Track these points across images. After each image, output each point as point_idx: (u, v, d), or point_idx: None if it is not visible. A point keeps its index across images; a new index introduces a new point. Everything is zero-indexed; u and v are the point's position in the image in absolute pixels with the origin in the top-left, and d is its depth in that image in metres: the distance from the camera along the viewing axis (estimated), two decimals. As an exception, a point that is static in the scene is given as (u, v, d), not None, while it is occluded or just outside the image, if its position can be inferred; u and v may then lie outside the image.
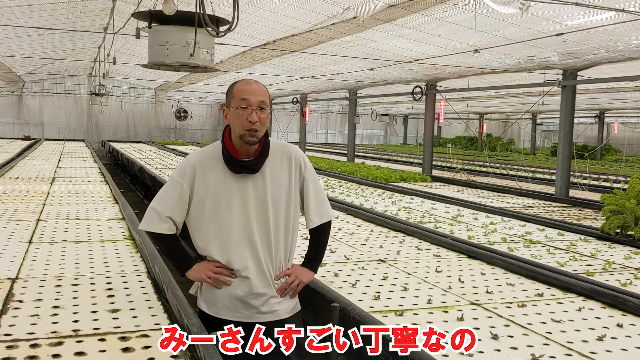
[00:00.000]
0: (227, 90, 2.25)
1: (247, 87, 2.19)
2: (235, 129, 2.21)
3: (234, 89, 2.21)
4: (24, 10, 10.05)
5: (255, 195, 2.23)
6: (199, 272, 2.27)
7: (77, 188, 7.82)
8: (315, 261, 2.46)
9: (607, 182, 12.48)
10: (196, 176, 2.23)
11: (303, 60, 12.05)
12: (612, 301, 3.19)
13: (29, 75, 22.37)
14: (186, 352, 2.23)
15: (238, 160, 2.22)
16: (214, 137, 29.74)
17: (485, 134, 30.25)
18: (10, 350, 2.21)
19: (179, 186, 2.24)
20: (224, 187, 2.22)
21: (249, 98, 2.16)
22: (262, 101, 2.17)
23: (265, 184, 2.24)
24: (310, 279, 2.42)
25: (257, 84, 2.22)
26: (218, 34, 5.17)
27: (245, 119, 2.16)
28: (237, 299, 2.26)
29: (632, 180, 5.57)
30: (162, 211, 2.25)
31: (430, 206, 7.33)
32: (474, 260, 4.27)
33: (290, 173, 2.29)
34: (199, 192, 2.24)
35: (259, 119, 2.17)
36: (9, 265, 3.55)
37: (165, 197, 2.28)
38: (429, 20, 7.57)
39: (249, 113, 2.16)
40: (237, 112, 2.17)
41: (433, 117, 13.08)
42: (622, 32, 7.25)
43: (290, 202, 2.30)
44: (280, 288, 2.30)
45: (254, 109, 2.16)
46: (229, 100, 2.22)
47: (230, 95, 2.21)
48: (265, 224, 2.25)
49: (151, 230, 2.28)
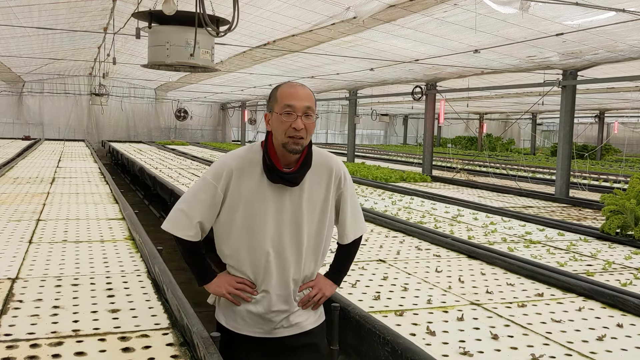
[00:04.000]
0: (270, 94, 2.08)
1: (292, 90, 2.03)
2: (277, 136, 2.03)
3: (278, 92, 2.04)
4: (24, 10, 10.05)
5: (290, 209, 2.08)
6: (220, 286, 2.14)
7: (77, 188, 7.82)
8: (340, 274, 2.34)
9: (607, 182, 12.48)
10: (232, 181, 2.06)
11: (303, 60, 12.05)
12: (612, 301, 3.19)
13: (29, 75, 22.37)
14: (186, 352, 2.23)
15: (279, 171, 2.04)
16: (214, 137, 29.75)
17: (485, 134, 30.25)
18: (10, 350, 2.21)
19: (212, 190, 2.07)
20: (259, 196, 2.06)
21: (294, 103, 1.99)
22: (308, 107, 2.01)
23: (302, 198, 2.09)
24: (333, 292, 2.30)
25: (302, 87, 2.05)
26: (218, 34, 5.17)
27: (289, 125, 1.99)
28: (257, 315, 2.13)
29: (632, 180, 5.57)
30: (193, 216, 2.08)
31: (430, 206, 7.33)
32: (474, 260, 4.27)
33: (328, 187, 2.14)
34: (232, 198, 2.08)
35: (305, 126, 2.00)
36: (9, 265, 3.55)
37: (197, 200, 2.10)
38: (429, 21, 7.57)
39: (293, 119, 1.99)
40: (280, 118, 2.00)
41: (433, 117, 13.08)
42: (622, 32, 7.25)
43: (325, 218, 2.15)
44: (302, 300, 2.18)
45: (299, 115, 2.00)
46: (271, 105, 2.05)
47: (274, 99, 2.05)
48: (298, 240, 2.10)
49: (178, 236, 2.11)
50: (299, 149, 2.02)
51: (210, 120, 29.83)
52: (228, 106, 29.23)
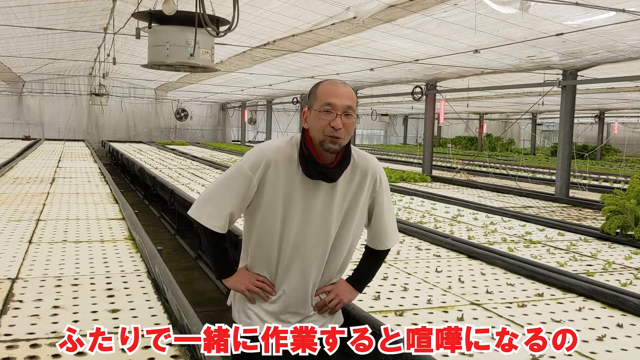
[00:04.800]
0: (310, 90, 2.02)
1: (334, 88, 1.95)
2: (315, 134, 1.96)
3: (318, 89, 1.97)
4: (24, 10, 10.05)
5: (321, 208, 2.01)
6: (239, 282, 2.07)
7: (77, 188, 7.83)
8: (363, 281, 2.25)
9: (607, 182, 12.48)
10: (268, 174, 1.97)
11: (303, 61, 12.05)
12: (612, 301, 3.19)
13: (29, 75, 22.37)
14: (186, 352, 2.23)
15: (318, 164, 1.97)
16: (214, 137, 29.75)
17: (485, 134, 30.25)
18: (10, 350, 2.21)
19: (248, 180, 1.97)
20: (292, 191, 1.99)
21: (334, 102, 1.92)
22: (349, 106, 1.93)
23: (334, 197, 2.01)
24: (352, 300, 2.21)
25: (344, 86, 1.97)
26: (218, 34, 5.17)
27: (327, 123, 1.92)
28: (272, 314, 2.07)
29: (632, 180, 5.58)
30: (224, 206, 1.99)
31: (430, 206, 7.33)
32: (474, 260, 4.27)
33: (363, 189, 2.06)
34: (268, 193, 1.99)
35: (344, 125, 1.93)
36: (9, 265, 3.55)
37: (230, 190, 1.99)
38: (429, 20, 7.57)
39: (332, 118, 1.92)
40: (319, 115, 1.93)
41: (433, 117, 13.08)
42: (622, 32, 7.25)
43: (353, 220, 2.08)
44: (318, 305, 2.11)
45: (339, 113, 1.92)
46: (311, 101, 1.98)
47: (313, 96, 1.98)
48: (325, 241, 2.04)
49: (205, 225, 2.01)
50: (336, 149, 1.94)
51: (210, 120, 29.82)
52: (228, 106, 29.23)
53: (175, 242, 7.59)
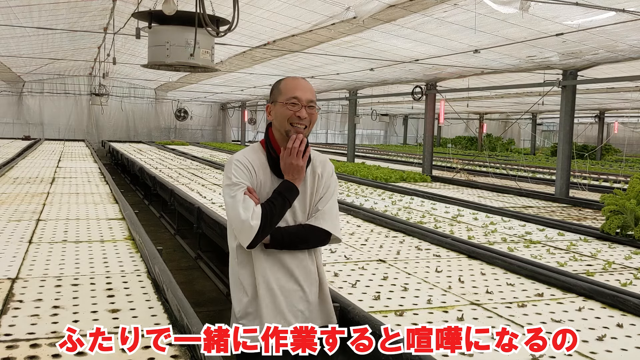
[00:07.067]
0: (273, 87, 2.19)
1: (297, 82, 2.14)
2: (280, 125, 2.12)
3: (282, 84, 2.15)
4: (24, 10, 10.05)
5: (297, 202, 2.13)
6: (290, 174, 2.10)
7: (77, 188, 7.83)
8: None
9: (607, 182, 12.48)
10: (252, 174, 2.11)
11: (303, 61, 12.05)
12: (612, 301, 3.19)
13: (29, 75, 22.37)
14: (186, 352, 2.23)
15: None
16: (214, 137, 29.75)
17: (485, 134, 30.25)
18: (10, 350, 2.21)
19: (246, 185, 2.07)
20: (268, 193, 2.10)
21: (299, 95, 2.10)
22: (311, 99, 2.13)
23: (306, 190, 2.15)
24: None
25: (306, 81, 2.17)
26: (218, 34, 5.17)
27: (293, 113, 2.09)
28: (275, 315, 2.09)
29: (632, 180, 5.57)
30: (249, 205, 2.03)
31: (430, 206, 7.33)
32: (474, 260, 4.27)
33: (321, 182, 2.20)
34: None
35: (309, 115, 2.12)
36: (9, 265, 3.55)
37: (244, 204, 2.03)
38: (429, 20, 7.57)
39: (298, 109, 2.10)
40: (285, 106, 2.10)
41: (433, 117, 13.08)
42: (622, 32, 7.25)
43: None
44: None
45: (304, 105, 2.11)
46: (275, 97, 2.15)
47: (277, 91, 2.15)
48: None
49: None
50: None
51: (210, 120, 29.82)
52: (228, 106, 29.23)
53: (175, 242, 7.60)
